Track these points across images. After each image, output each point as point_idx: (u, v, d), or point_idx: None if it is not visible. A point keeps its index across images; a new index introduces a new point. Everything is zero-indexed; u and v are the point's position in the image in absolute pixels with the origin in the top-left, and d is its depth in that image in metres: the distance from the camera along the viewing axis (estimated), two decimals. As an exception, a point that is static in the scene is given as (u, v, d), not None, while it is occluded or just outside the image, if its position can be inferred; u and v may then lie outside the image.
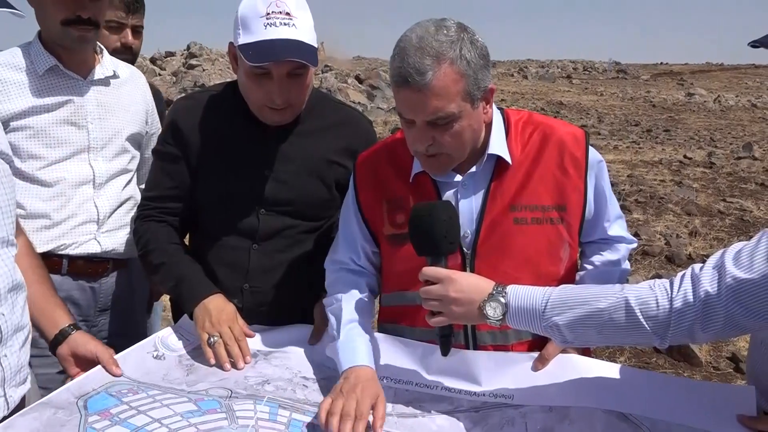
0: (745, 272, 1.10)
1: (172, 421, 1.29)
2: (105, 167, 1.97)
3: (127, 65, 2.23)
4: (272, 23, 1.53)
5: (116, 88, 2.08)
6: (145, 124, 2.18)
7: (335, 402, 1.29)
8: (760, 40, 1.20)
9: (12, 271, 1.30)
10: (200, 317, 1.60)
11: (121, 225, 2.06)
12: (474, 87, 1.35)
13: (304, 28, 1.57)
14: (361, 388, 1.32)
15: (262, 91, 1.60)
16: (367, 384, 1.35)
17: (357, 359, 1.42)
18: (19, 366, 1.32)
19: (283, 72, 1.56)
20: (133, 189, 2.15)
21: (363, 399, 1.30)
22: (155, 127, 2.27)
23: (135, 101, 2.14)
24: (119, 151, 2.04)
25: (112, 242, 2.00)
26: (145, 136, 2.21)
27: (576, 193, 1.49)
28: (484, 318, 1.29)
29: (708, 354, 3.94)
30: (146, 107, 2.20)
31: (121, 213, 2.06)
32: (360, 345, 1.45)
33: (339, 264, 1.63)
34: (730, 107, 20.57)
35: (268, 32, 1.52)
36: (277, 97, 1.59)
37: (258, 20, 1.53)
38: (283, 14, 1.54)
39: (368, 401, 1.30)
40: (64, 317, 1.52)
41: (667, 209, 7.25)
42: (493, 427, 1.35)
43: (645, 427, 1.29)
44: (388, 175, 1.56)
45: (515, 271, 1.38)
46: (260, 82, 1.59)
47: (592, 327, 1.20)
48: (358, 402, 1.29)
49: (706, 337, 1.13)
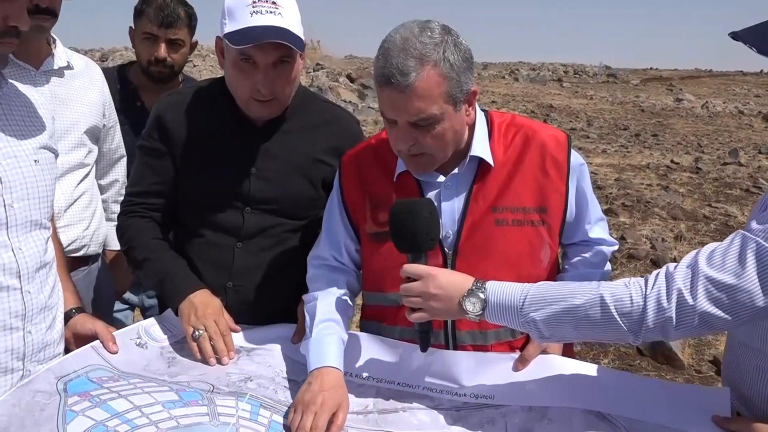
0: (717, 272, 1.12)
1: (152, 410, 1.29)
2: (60, 161, 1.96)
3: (82, 57, 2.20)
4: (258, 11, 1.54)
5: (70, 80, 2.06)
6: (102, 117, 2.17)
7: (294, 418, 1.32)
8: (740, 34, 1.20)
9: (42, 252, 1.41)
10: (185, 311, 1.60)
11: (79, 220, 2.04)
12: (457, 89, 1.36)
13: (291, 18, 1.57)
14: (322, 400, 1.33)
15: (249, 82, 1.59)
16: (330, 393, 1.35)
17: (325, 360, 1.42)
18: (44, 344, 1.41)
19: (269, 61, 1.57)
20: (89, 183, 2.13)
21: (321, 413, 1.31)
22: (113, 120, 2.27)
23: (91, 93, 2.12)
24: (75, 144, 2.02)
25: (69, 238, 1.99)
26: (103, 130, 2.19)
27: (557, 196, 1.50)
28: (463, 313, 1.30)
29: (690, 357, 3.98)
30: (103, 100, 2.19)
31: (78, 208, 2.04)
32: (329, 345, 1.45)
33: (320, 260, 1.64)
34: (718, 113, 20.77)
35: (254, 19, 1.53)
36: (262, 86, 1.59)
37: (244, 8, 1.54)
38: (269, 3, 1.55)
39: (326, 416, 1.31)
40: (70, 300, 1.60)
41: (653, 213, 7.32)
42: (473, 426, 1.36)
43: (622, 426, 1.31)
44: (373, 174, 1.57)
45: (496, 271, 1.39)
46: (246, 72, 1.59)
47: (568, 323, 1.22)
48: (316, 416, 1.30)
49: (678, 334, 1.15)
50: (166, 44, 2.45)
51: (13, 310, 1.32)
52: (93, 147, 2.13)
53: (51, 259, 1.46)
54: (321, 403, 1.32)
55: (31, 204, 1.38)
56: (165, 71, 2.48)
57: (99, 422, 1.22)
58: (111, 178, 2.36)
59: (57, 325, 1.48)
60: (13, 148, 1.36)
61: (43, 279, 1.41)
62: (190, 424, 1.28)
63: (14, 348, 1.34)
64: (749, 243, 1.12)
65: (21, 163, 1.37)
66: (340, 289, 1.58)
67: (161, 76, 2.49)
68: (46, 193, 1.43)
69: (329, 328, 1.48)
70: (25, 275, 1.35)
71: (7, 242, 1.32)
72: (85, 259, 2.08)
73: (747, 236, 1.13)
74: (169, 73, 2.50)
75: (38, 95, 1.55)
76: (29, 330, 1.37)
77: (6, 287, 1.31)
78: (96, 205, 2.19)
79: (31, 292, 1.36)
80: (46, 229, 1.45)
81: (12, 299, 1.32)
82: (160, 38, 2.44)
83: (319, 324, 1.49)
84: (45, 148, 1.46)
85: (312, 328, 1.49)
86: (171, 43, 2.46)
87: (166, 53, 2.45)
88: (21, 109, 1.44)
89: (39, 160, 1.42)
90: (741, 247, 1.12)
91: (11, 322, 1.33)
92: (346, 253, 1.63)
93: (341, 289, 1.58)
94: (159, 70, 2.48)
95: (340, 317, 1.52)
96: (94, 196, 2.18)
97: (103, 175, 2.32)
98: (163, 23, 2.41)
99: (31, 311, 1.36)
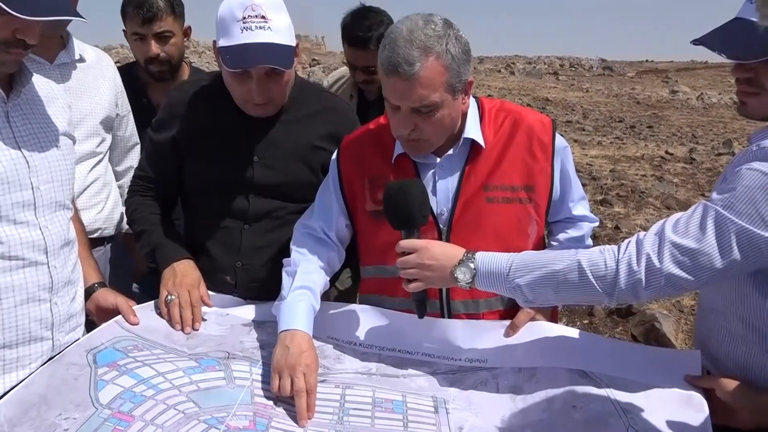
0: (681, 237, 1.24)
1: (175, 376, 1.41)
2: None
3: (93, 48, 2.26)
4: (248, 27, 1.61)
5: (83, 72, 2.14)
6: (115, 107, 2.25)
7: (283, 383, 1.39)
8: (705, 41, 1.32)
9: (66, 231, 1.53)
10: (166, 277, 1.72)
11: (92, 205, 2.14)
12: (456, 79, 1.47)
13: (280, 30, 1.64)
14: (307, 361, 1.42)
15: (244, 89, 1.69)
16: (309, 354, 1.44)
17: (296, 323, 1.50)
18: (69, 315, 1.52)
19: (261, 72, 1.66)
20: (101, 170, 2.21)
21: (310, 373, 1.40)
22: (125, 109, 2.33)
23: (104, 84, 2.20)
24: (89, 134, 2.10)
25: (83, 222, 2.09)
26: (116, 119, 2.27)
27: (543, 176, 1.61)
28: (455, 281, 1.42)
29: (683, 342, 4.10)
30: (116, 90, 2.26)
31: (90, 194, 2.14)
32: (301, 310, 1.52)
33: (308, 228, 1.72)
34: (713, 104, 20.83)
35: (245, 36, 1.61)
36: (256, 95, 1.69)
37: (235, 24, 1.62)
38: (259, 18, 1.61)
39: (314, 375, 1.42)
40: (92, 275, 1.71)
41: (647, 203, 7.41)
42: (467, 387, 1.48)
43: (603, 382, 1.42)
44: (372, 156, 1.67)
45: (487, 245, 1.49)
46: (241, 81, 1.68)
47: (549, 287, 1.33)
48: (306, 376, 1.39)
49: (648, 294, 1.26)
50: (154, 40, 2.40)
51: (41, 283, 1.43)
52: (106, 136, 2.21)
53: (73, 238, 1.58)
54: (306, 364, 1.42)
55: (55, 186, 1.49)
56: (164, 67, 2.45)
57: (127, 388, 1.34)
58: (126, 164, 2.44)
59: (78, 299, 1.59)
60: (37, 135, 1.47)
61: (66, 255, 1.52)
62: (209, 387, 1.40)
63: (43, 318, 1.44)
64: (709, 211, 1.23)
65: (45, 148, 1.47)
66: (320, 262, 1.66)
67: (162, 74, 2.47)
68: (68, 176, 1.54)
69: (304, 295, 1.56)
70: (52, 251, 1.46)
71: (35, 221, 1.43)
72: (100, 240, 2.18)
73: (708, 205, 1.25)
74: (168, 68, 2.46)
75: (56, 85, 1.65)
76: (55, 302, 1.48)
77: (35, 262, 1.42)
78: (110, 190, 2.29)
79: (56, 267, 1.47)
80: (68, 210, 1.56)
81: (40, 273, 1.43)
82: (148, 36, 2.39)
83: (296, 289, 1.57)
84: (65, 135, 1.57)
85: (289, 290, 1.57)
86: (159, 37, 2.41)
87: (157, 49, 2.41)
88: (43, 99, 1.54)
89: (60, 146, 1.53)
90: (702, 215, 1.24)
91: (39, 294, 1.43)
92: (335, 227, 1.71)
93: (322, 262, 1.66)
94: (157, 68, 2.45)
95: (316, 288, 1.60)
96: (107, 182, 2.27)
97: (119, 162, 2.41)
98: (145, 20, 2.36)
99: (57, 284, 1.47)
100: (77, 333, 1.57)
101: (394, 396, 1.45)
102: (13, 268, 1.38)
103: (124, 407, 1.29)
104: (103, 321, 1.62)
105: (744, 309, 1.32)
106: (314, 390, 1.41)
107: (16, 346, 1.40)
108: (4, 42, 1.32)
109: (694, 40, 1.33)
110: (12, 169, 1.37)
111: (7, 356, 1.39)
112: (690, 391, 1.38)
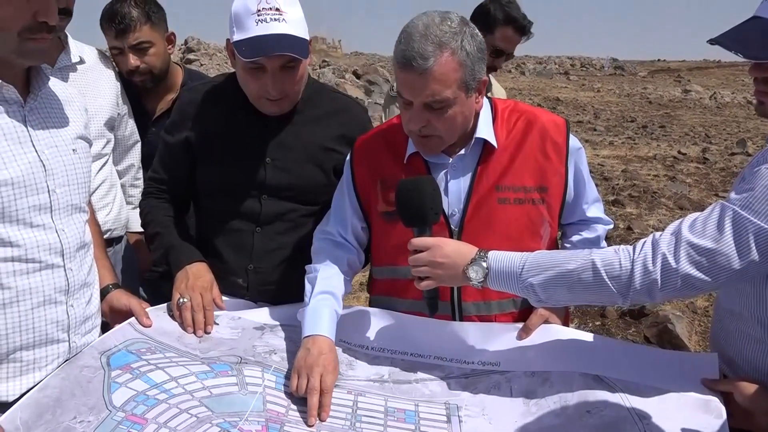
0: (698, 237, 1.22)
1: (187, 381, 1.41)
2: None
3: (91, 48, 2.26)
4: (263, 19, 1.62)
5: (84, 74, 2.14)
6: (116, 106, 2.26)
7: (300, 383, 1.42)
8: (721, 40, 1.30)
9: (82, 233, 1.53)
10: (179, 279, 1.72)
11: (101, 207, 2.14)
12: (470, 77, 1.47)
13: (294, 22, 1.65)
14: (324, 362, 1.44)
15: (258, 84, 1.69)
16: (328, 356, 1.47)
17: (319, 329, 1.52)
18: (85, 317, 1.53)
19: (276, 65, 1.66)
20: (108, 172, 2.22)
21: (327, 374, 1.43)
22: (125, 108, 2.34)
23: (105, 85, 2.21)
24: (95, 136, 2.09)
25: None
26: (117, 118, 2.28)
27: (557, 177, 1.60)
28: (467, 280, 1.40)
29: (697, 344, 4.06)
30: (116, 90, 2.27)
31: (98, 195, 2.15)
32: (324, 316, 1.55)
33: (326, 234, 1.74)
34: (726, 104, 20.66)
35: (260, 28, 1.62)
36: (271, 89, 1.68)
37: (249, 17, 1.62)
38: (273, 10, 1.62)
39: (332, 376, 1.44)
40: (107, 277, 1.72)
41: (659, 204, 7.35)
42: (480, 391, 1.47)
43: (617, 387, 1.41)
44: (384, 157, 1.67)
45: (498, 246, 1.48)
46: (255, 75, 1.68)
47: (563, 286, 1.32)
48: (323, 377, 1.42)
49: (663, 295, 1.24)
50: (132, 52, 2.28)
51: (57, 286, 1.44)
52: (110, 136, 2.23)
53: (89, 240, 1.58)
54: (324, 365, 1.43)
55: (71, 189, 1.49)
56: (145, 77, 2.35)
57: (140, 392, 1.35)
58: (127, 163, 2.44)
59: (94, 301, 1.60)
60: (54, 138, 1.48)
61: (82, 258, 1.53)
62: (221, 393, 1.40)
63: (59, 320, 1.45)
64: (727, 211, 1.22)
65: (61, 152, 1.48)
66: (341, 266, 1.67)
67: (144, 85, 2.37)
68: (84, 179, 1.55)
69: (326, 300, 1.58)
70: (68, 254, 1.47)
71: (52, 224, 1.44)
72: (109, 241, 2.19)
73: (726, 205, 1.23)
74: (150, 77, 2.36)
75: (72, 89, 1.66)
76: (71, 304, 1.48)
77: (51, 265, 1.43)
78: (116, 191, 2.31)
79: (72, 270, 1.48)
80: (84, 213, 1.57)
81: (56, 276, 1.44)
82: (124, 48, 2.28)
83: (318, 294, 1.59)
84: (81, 138, 1.57)
85: (311, 296, 1.59)
86: (136, 49, 2.28)
87: (136, 62, 2.29)
88: (59, 102, 1.55)
89: (77, 149, 1.54)
90: (720, 215, 1.22)
91: (56, 296, 1.44)
92: (352, 230, 1.72)
93: (342, 266, 1.68)
94: (139, 79, 2.35)
95: (338, 292, 1.62)
96: (113, 183, 2.29)
97: (120, 161, 2.41)
98: (118, 33, 2.25)
99: (73, 287, 1.48)
100: (93, 335, 1.57)
101: (406, 406, 1.44)
102: (30, 271, 1.39)
103: (137, 410, 1.30)
104: (116, 322, 1.63)
105: (762, 311, 1.30)
106: (329, 391, 1.41)
107: (33, 347, 1.41)
108: (27, 29, 1.29)
109: (711, 40, 1.31)
110: (29, 173, 1.38)
111: (24, 358, 1.40)
112: (707, 395, 1.36)
